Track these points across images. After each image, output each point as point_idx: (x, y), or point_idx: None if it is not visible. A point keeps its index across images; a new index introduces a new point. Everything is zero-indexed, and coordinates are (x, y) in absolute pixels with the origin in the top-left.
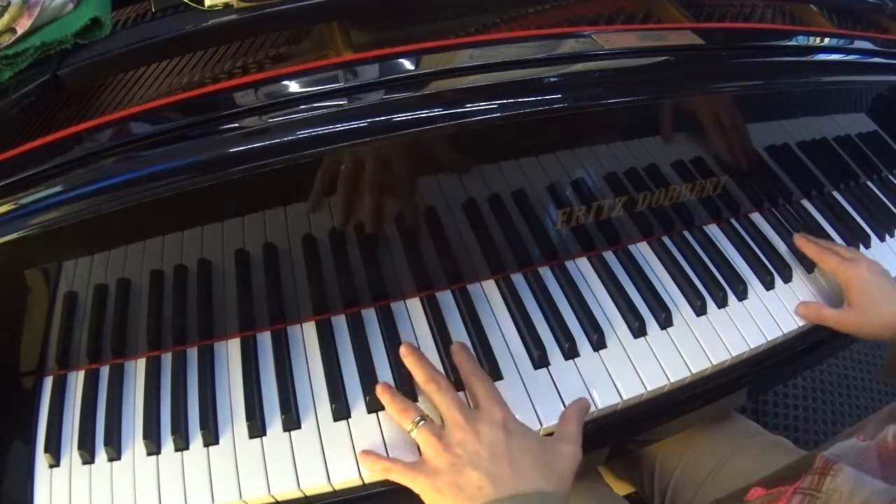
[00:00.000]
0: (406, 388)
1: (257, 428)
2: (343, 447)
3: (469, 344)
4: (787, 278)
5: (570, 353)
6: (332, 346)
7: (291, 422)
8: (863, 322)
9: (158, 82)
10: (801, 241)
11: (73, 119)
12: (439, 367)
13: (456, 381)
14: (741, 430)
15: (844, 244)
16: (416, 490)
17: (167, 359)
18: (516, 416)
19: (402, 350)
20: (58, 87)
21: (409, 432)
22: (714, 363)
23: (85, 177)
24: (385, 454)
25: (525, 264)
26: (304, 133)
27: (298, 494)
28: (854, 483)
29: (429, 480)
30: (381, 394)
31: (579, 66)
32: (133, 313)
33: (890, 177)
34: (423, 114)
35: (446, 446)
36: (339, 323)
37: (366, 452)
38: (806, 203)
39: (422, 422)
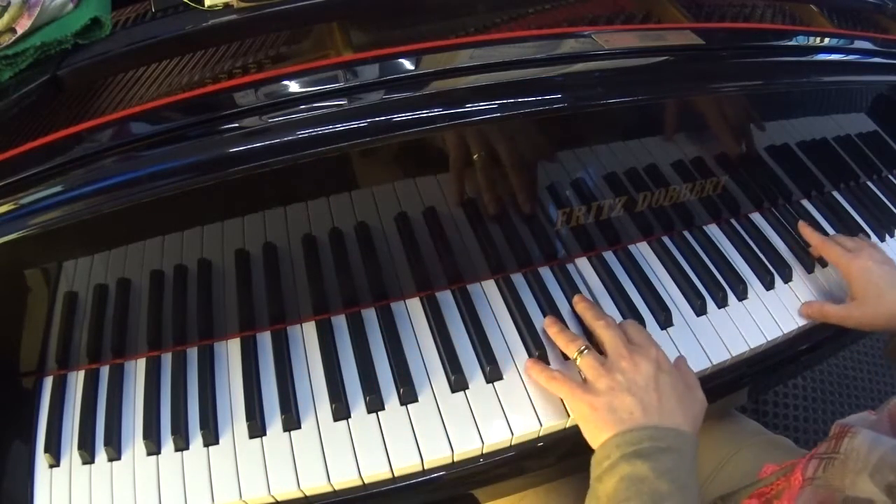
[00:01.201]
0: (406, 386)
1: (257, 428)
2: (343, 447)
3: (469, 344)
4: (787, 278)
5: None
6: (332, 346)
7: (291, 422)
8: (866, 314)
9: (158, 82)
10: (805, 230)
11: (73, 119)
12: (438, 368)
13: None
14: (742, 429)
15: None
16: (572, 406)
17: (167, 359)
18: (515, 418)
19: (576, 297)
20: (58, 87)
21: (574, 359)
22: (714, 363)
23: (85, 177)
24: (385, 454)
25: (525, 264)
26: (304, 133)
27: (298, 494)
28: (871, 442)
29: (587, 397)
30: (549, 326)
31: (579, 66)
32: (133, 313)
33: (890, 177)
34: (423, 114)
35: (608, 370)
36: (339, 323)
37: (534, 361)
38: (806, 203)
39: (586, 350)
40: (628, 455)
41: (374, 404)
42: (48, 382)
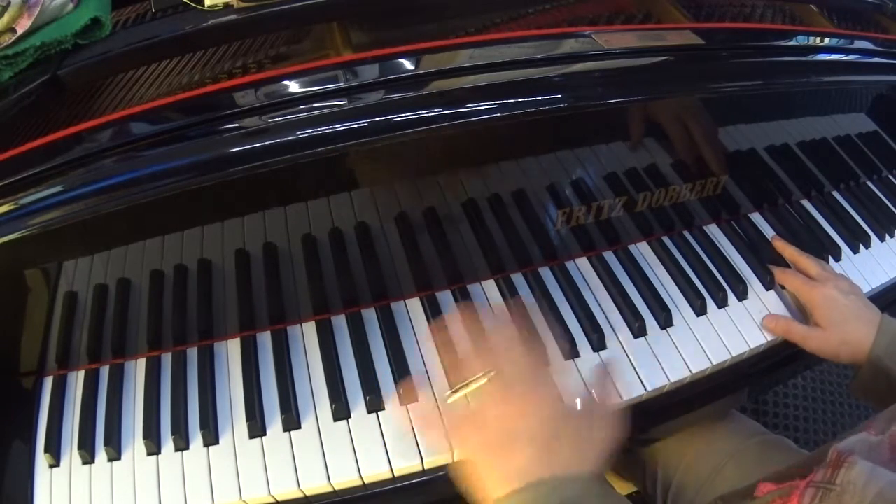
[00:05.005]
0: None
1: (257, 428)
2: (343, 447)
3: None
4: None
5: (570, 353)
6: (332, 346)
7: (291, 422)
8: (830, 345)
9: (158, 82)
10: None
11: (73, 119)
12: (437, 368)
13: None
14: (742, 429)
15: (844, 243)
16: (458, 445)
17: (167, 359)
18: None
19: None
20: (58, 87)
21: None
22: (714, 363)
23: (85, 177)
24: (385, 454)
25: (525, 264)
26: (304, 133)
27: (298, 494)
28: (869, 475)
29: (478, 434)
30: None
31: (579, 66)
32: (133, 313)
33: (890, 177)
34: (423, 114)
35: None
36: (339, 323)
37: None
38: (806, 203)
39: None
40: None
41: (374, 404)
42: (48, 382)
